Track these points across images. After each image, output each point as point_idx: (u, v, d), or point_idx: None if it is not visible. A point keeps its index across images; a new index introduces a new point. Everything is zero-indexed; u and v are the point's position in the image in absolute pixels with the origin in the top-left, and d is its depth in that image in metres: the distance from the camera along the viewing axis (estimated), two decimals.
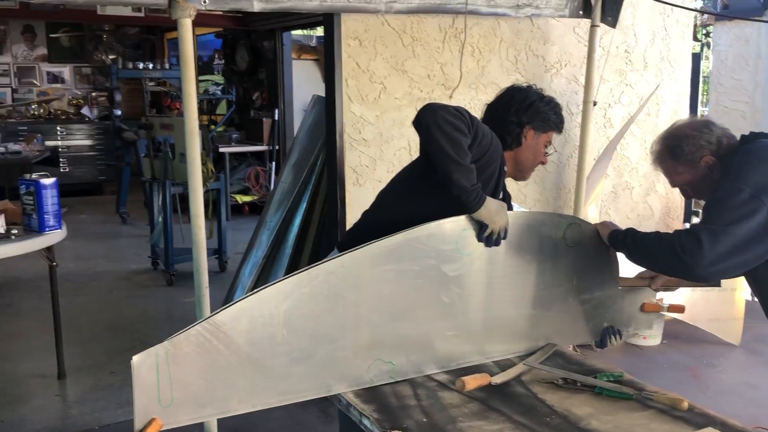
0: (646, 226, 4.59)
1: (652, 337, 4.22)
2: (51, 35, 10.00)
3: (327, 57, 3.48)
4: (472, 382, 1.93)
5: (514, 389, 1.97)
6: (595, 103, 3.74)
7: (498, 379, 1.99)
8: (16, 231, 3.24)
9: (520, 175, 2.34)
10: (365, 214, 2.39)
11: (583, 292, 2.27)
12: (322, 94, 3.74)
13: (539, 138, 2.25)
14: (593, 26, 3.52)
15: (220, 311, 1.71)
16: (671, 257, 1.94)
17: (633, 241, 2.10)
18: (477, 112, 3.67)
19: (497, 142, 2.14)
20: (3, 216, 3.24)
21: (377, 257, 1.91)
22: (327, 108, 3.51)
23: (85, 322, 4.51)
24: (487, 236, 2.02)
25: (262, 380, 1.78)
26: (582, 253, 2.23)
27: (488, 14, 3.40)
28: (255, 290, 1.75)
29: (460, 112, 1.98)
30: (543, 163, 2.32)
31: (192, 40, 2.85)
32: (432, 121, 1.94)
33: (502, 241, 2.06)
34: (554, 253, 2.18)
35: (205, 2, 2.85)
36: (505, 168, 2.22)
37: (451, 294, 2.04)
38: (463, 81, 3.68)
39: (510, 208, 2.41)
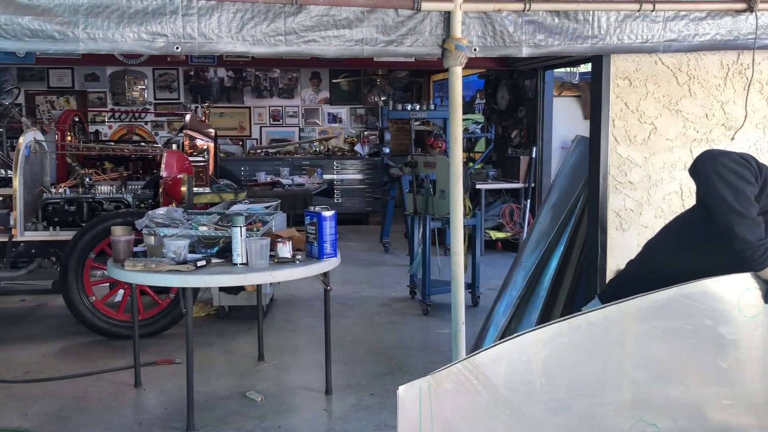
0: None
1: None
2: (333, 80, 11.19)
3: (594, 97, 3.41)
4: None
5: None
6: None
7: None
8: (300, 257, 3.65)
9: None
10: (631, 264, 2.29)
11: None
12: (582, 131, 3.67)
13: None
14: None
15: (479, 352, 1.75)
16: None
17: None
18: (763, 153, 3.32)
19: None
20: (290, 242, 3.68)
21: (644, 312, 1.81)
22: (591, 149, 3.43)
23: (350, 342, 4.89)
24: None
25: (518, 426, 1.78)
26: None
27: None
28: (515, 335, 1.77)
29: (745, 159, 1.82)
30: None
31: (460, 86, 2.99)
32: (712, 169, 1.81)
33: None
34: None
35: (475, 50, 2.99)
36: None
37: (729, 359, 1.86)
38: (748, 120, 3.35)
39: None
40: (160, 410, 3.79)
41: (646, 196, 3.39)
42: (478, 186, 8.05)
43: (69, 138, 5.98)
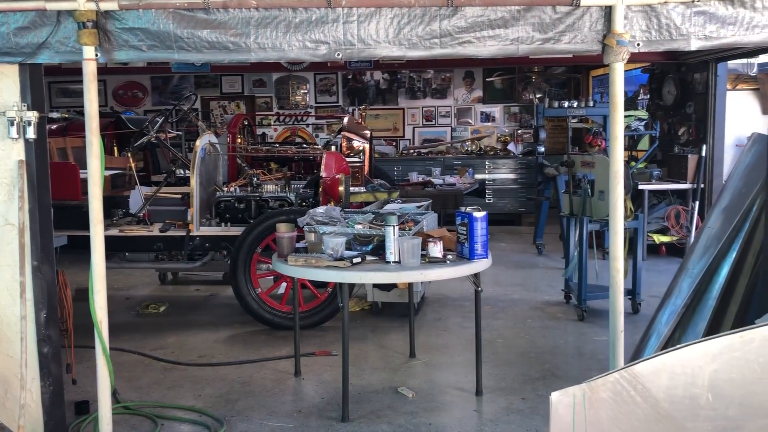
0: None
1: None
2: (486, 79, 11.11)
3: None
4: None
5: None
6: None
7: None
8: (451, 257, 3.68)
9: None
10: None
11: None
12: (761, 127, 3.37)
13: None
14: None
15: (639, 362, 1.68)
16: None
17: None
18: None
19: None
20: (441, 242, 3.71)
21: None
22: None
23: (501, 345, 4.85)
24: None
25: None
26: None
27: None
28: (678, 346, 1.67)
29: None
30: None
31: (622, 83, 2.87)
32: None
33: None
34: None
35: (638, 45, 2.85)
36: None
37: None
38: None
39: None
40: (317, 399, 3.98)
41: None
42: (640, 186, 7.65)
43: (239, 140, 6.44)
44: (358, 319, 5.50)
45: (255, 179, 5.77)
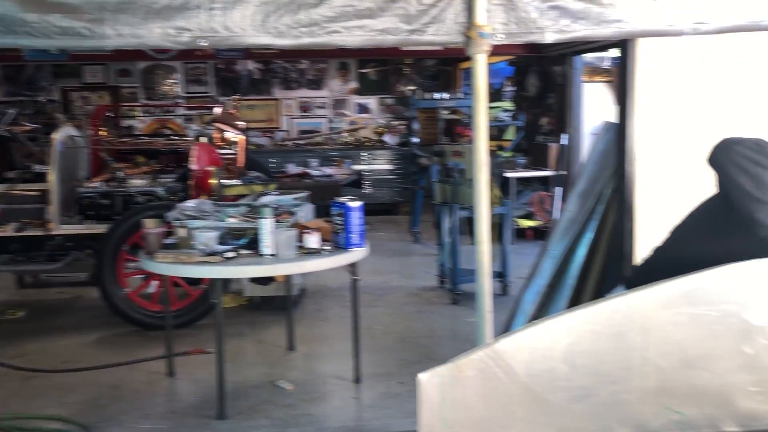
0: None
1: None
2: (361, 70, 11.19)
3: (620, 82, 3.37)
4: None
5: None
6: None
7: None
8: (328, 247, 3.68)
9: None
10: (657, 250, 2.27)
11: None
12: (613, 117, 3.62)
13: None
14: None
15: (501, 339, 1.76)
16: None
17: None
18: None
19: None
20: (318, 233, 3.71)
21: (668, 299, 1.80)
22: (618, 135, 3.39)
23: (379, 332, 4.93)
24: None
25: (540, 413, 1.79)
26: None
27: None
28: (536, 321, 1.77)
29: (760, 145, 1.79)
30: None
31: (485, 74, 2.97)
32: (728, 158, 1.79)
33: None
34: None
35: (499, 37, 2.96)
36: None
37: (756, 345, 1.83)
38: None
39: None
40: (192, 399, 3.87)
41: (674, 182, 3.33)
42: (507, 174, 8.00)
43: (102, 133, 6.09)
44: (235, 315, 5.38)
45: (120, 173, 5.49)
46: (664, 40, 3.25)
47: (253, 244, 3.65)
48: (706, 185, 3.33)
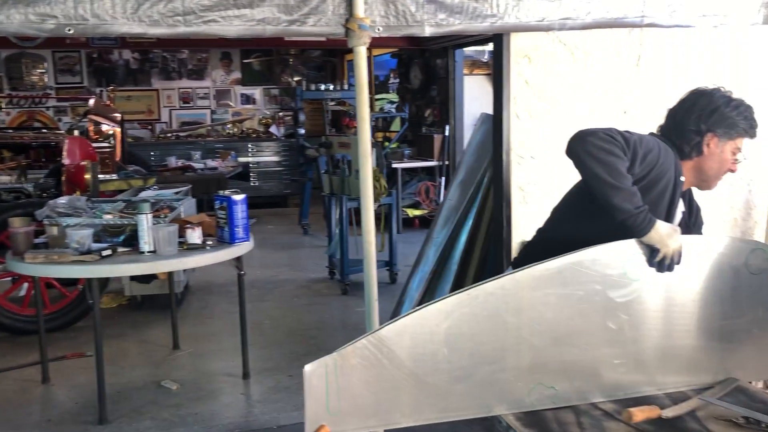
0: None
1: None
2: (244, 60, 10.97)
3: (495, 75, 3.50)
4: (639, 414, 1.85)
5: (688, 425, 1.86)
6: None
7: (669, 412, 1.89)
8: (211, 242, 3.60)
9: (705, 184, 2.21)
10: (539, 231, 2.39)
11: None
12: (492, 109, 3.76)
13: (725, 146, 2.11)
14: None
15: (384, 326, 1.80)
16: None
17: None
18: (654, 128, 3.49)
19: (668, 153, 2.05)
20: (200, 228, 3.61)
21: (539, 280, 1.90)
22: (494, 126, 3.52)
23: (269, 326, 4.88)
24: (659, 261, 1.93)
25: (423, 396, 1.84)
26: None
27: (669, 27, 3.23)
28: (417, 308, 1.82)
29: (611, 135, 1.92)
30: (732, 171, 2.17)
31: (366, 66, 3.00)
32: (582, 149, 1.91)
33: (676, 267, 1.96)
34: (735, 281, 2.03)
35: (379, 30, 2.99)
36: (682, 178, 2.11)
37: (619, 321, 1.97)
38: (639, 96, 3.52)
39: (700, 220, 2.29)
40: (70, 405, 3.68)
41: (547, 170, 3.51)
42: (394, 165, 8.13)
43: None
44: (115, 315, 5.16)
45: None
46: (536, 35, 3.41)
47: (132, 241, 3.51)
48: (575, 173, 3.54)
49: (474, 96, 8.69)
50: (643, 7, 3.12)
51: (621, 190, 1.88)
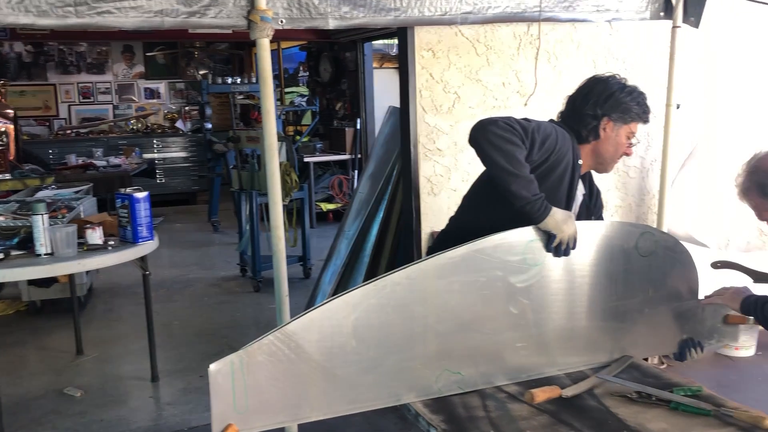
0: (738, 231, 4.37)
1: (744, 348, 4.02)
2: (147, 54, 10.59)
3: (401, 68, 3.54)
4: (541, 394, 1.92)
5: (586, 402, 1.95)
6: (678, 106, 3.61)
7: (569, 391, 1.97)
8: (113, 242, 3.46)
9: (602, 167, 2.32)
10: (451, 220, 2.44)
11: (659, 303, 2.22)
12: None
13: (620, 130, 2.23)
14: (674, 27, 3.41)
15: (291, 321, 1.78)
16: None
17: None
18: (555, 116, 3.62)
19: (565, 138, 2.14)
20: (101, 228, 3.47)
21: (442, 269, 1.94)
22: (401, 119, 3.56)
23: (178, 327, 4.75)
24: (556, 246, 2.01)
25: (332, 389, 1.84)
26: (657, 263, 2.18)
27: (566, 20, 3.36)
28: (325, 301, 1.82)
29: (509, 124, 1.99)
30: (627, 154, 2.29)
31: (269, 59, 2.96)
32: (482, 138, 1.97)
33: (572, 252, 2.04)
34: (627, 263, 2.14)
35: (282, 22, 2.96)
36: (580, 162, 2.21)
37: (520, 305, 2.04)
38: (539, 88, 3.65)
39: (600, 202, 2.40)
40: None
41: (453, 161, 3.59)
42: (306, 159, 8.07)
43: None
44: (12, 322, 4.89)
45: None
46: (439, 29, 3.47)
47: (27, 244, 3.33)
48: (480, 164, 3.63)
49: (385, 89, 8.73)
50: (541, 2, 3.23)
51: (518, 177, 1.94)
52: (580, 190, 2.29)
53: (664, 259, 2.19)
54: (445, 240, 2.18)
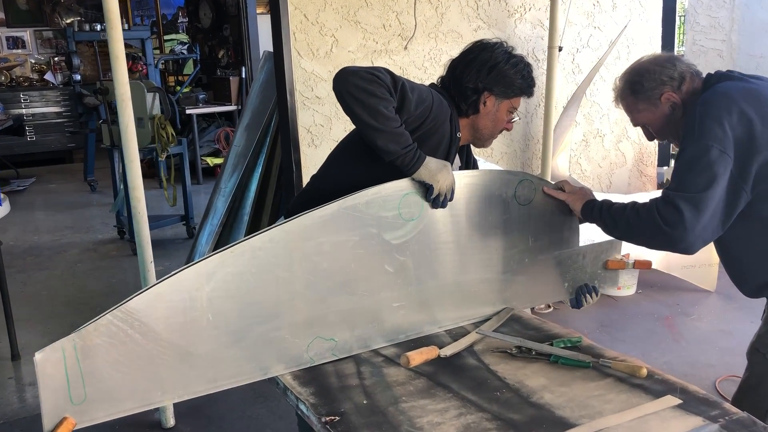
0: (619, 174, 4.46)
1: (626, 288, 4.13)
2: None
3: (272, 9, 3.27)
4: (417, 357, 1.81)
5: (465, 361, 1.85)
6: (560, 49, 3.55)
7: (447, 350, 1.87)
8: None
9: (480, 142, 2.15)
10: (314, 179, 2.24)
11: (540, 252, 2.15)
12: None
13: (501, 104, 2.04)
14: None
15: (133, 297, 1.56)
16: (654, 231, 1.83)
17: (610, 215, 1.95)
18: (437, 62, 3.48)
19: (442, 107, 1.97)
20: None
21: (310, 229, 1.76)
22: (276, 65, 3.31)
23: (45, 298, 4.37)
24: (434, 198, 1.87)
25: (188, 368, 1.65)
26: (536, 212, 2.10)
27: None
28: (170, 274, 1.60)
29: (375, 75, 1.78)
30: (507, 129, 2.13)
31: None
32: (343, 89, 1.76)
33: (449, 203, 1.91)
34: (506, 213, 2.04)
35: None
36: (459, 134, 2.05)
37: (396, 263, 1.90)
38: (420, 30, 3.48)
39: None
40: None
41: (334, 110, 3.39)
42: (188, 111, 7.61)
43: None
44: None
45: None
46: None
47: None
48: None
49: (270, 35, 8.35)
50: None
51: (383, 132, 1.77)
52: (456, 164, 2.14)
53: (544, 206, 2.11)
54: (305, 201, 1.96)
